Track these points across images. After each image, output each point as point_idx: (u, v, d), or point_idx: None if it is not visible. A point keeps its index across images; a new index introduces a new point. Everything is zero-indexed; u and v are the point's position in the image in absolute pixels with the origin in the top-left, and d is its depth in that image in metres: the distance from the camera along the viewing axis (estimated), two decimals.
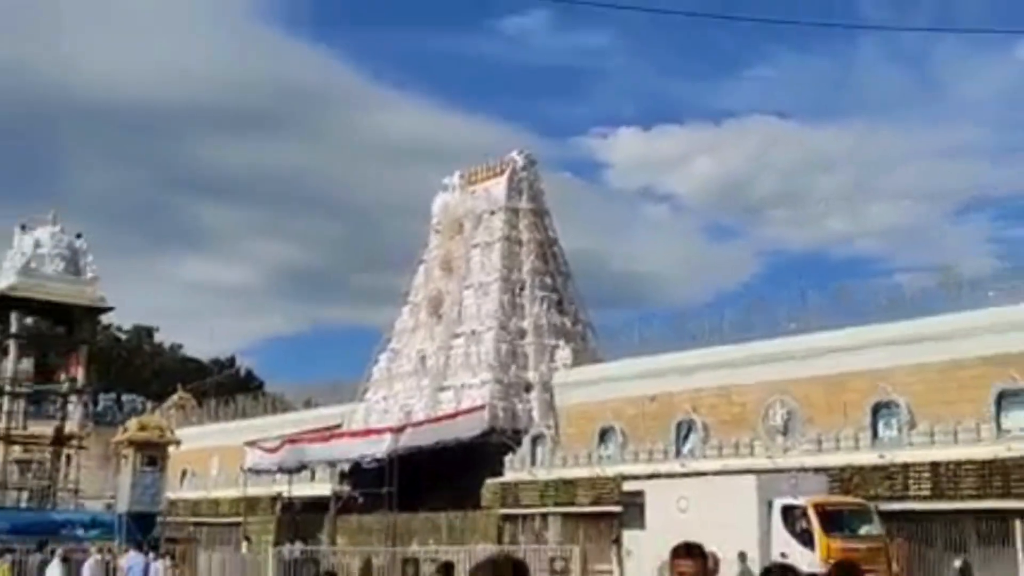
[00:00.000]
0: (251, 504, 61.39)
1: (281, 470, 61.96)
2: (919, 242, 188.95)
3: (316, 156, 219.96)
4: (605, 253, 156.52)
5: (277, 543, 48.50)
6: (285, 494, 61.12)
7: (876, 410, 39.13)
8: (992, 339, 37.82)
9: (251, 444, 65.47)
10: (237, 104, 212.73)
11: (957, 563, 7.85)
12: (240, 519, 59.27)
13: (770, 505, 27.89)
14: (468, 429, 55.08)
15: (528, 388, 57.69)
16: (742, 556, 8.39)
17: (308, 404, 74.35)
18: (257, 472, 63.28)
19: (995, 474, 31.58)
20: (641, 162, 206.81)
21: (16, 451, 51.57)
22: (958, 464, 32.63)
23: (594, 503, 41.46)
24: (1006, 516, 30.90)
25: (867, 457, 35.03)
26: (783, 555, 26.78)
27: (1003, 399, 36.23)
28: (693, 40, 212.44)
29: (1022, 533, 30.31)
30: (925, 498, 32.51)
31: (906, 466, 33.64)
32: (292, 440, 63.45)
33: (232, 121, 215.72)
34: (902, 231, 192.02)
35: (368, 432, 59.05)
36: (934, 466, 33.03)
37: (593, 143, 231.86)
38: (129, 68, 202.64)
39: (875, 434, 37.63)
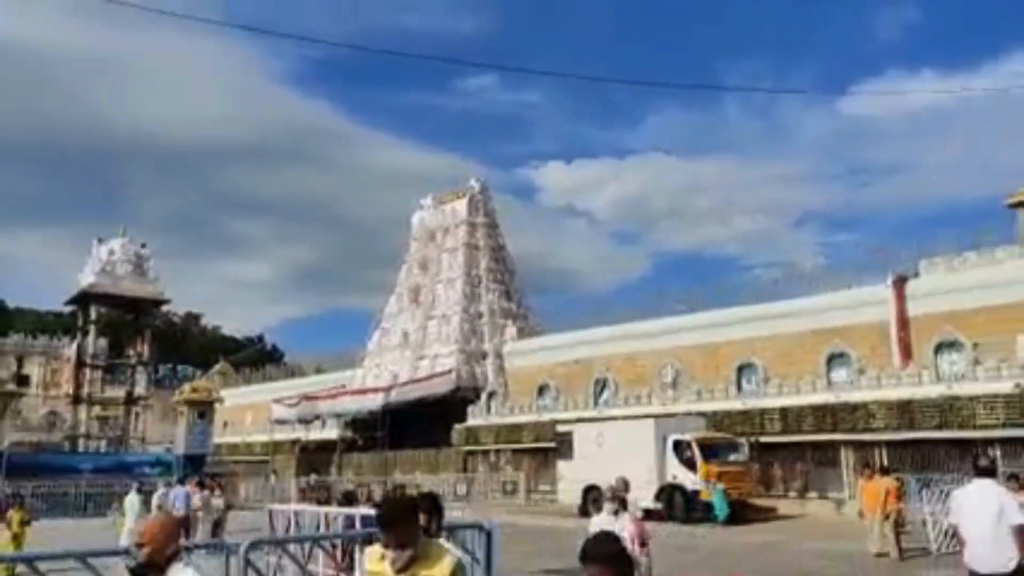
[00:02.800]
0: (276, 446, 61.29)
1: (299, 421, 61.93)
2: (770, 245, 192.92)
3: (325, 182, 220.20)
4: (540, 255, 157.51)
5: (297, 475, 48.44)
6: (302, 439, 61.20)
7: (740, 370, 39.82)
8: (822, 316, 38.67)
9: (276, 401, 65.25)
10: (265, 143, 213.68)
11: (983, 462, 7.64)
12: (268, 458, 59.14)
13: (664, 440, 27.94)
14: (440, 387, 55.50)
15: (484, 356, 57.98)
16: (623, 483, 8.55)
17: (319, 370, 73.99)
18: (280, 422, 63.11)
19: (826, 415, 32.22)
20: (565, 187, 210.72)
21: (96, 410, 50.89)
22: (800, 408, 33.23)
23: (535, 441, 41.74)
24: (834, 444, 31.51)
25: (734, 404, 35.55)
26: (674, 476, 27.31)
27: (831, 360, 37.07)
28: (602, 97, 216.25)
29: (844, 456, 30.94)
30: (776, 433, 33.03)
31: (762, 411, 34.20)
32: (307, 398, 63.39)
33: (261, 156, 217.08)
34: (757, 237, 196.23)
35: (365, 391, 59.07)
36: (783, 410, 33.61)
37: (530, 172, 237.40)
38: (183, 116, 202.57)
39: (739, 388, 38.31)
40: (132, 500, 20.36)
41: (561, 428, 34.03)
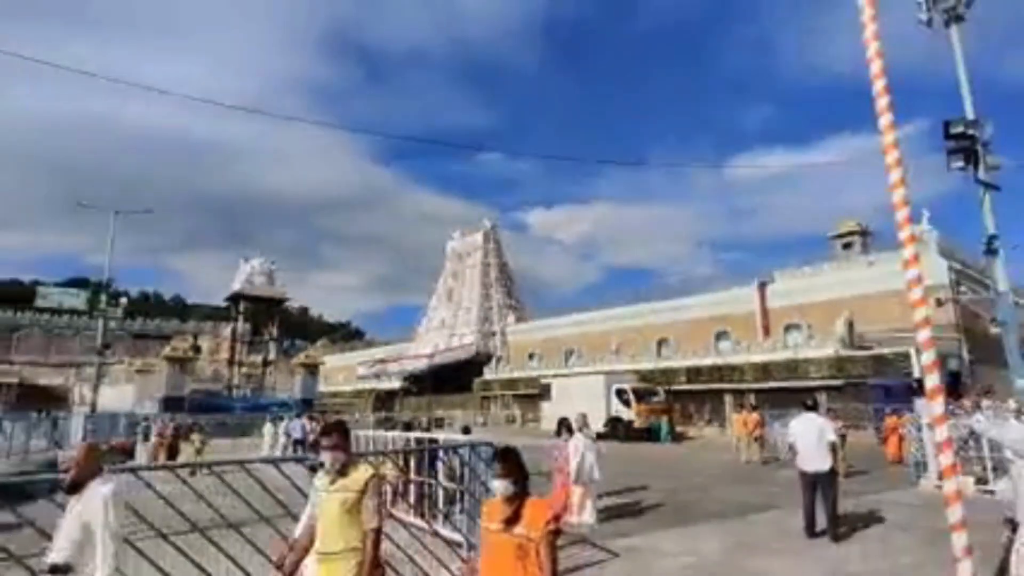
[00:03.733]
0: (359, 393, 61.21)
1: (374, 376, 61.92)
2: (679, 261, 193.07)
3: (388, 221, 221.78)
4: (530, 269, 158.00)
5: (373, 411, 48.50)
6: (375, 388, 61.15)
7: (660, 343, 40.01)
8: (712, 308, 38.84)
9: (360, 364, 65.35)
10: (350, 196, 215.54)
11: (809, 402, 7.40)
12: (355, 401, 59.10)
13: (610, 388, 27.74)
14: (464, 354, 55.55)
15: (494, 334, 58.06)
16: (583, 416, 8.68)
17: (387, 344, 74.06)
18: (362, 378, 63.15)
19: (715, 372, 32.39)
20: (546, 224, 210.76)
21: (244, 370, 50.90)
22: (698, 368, 33.36)
23: (527, 389, 41.90)
24: (721, 392, 31.56)
25: (656, 365, 35.70)
26: (616, 412, 27.21)
27: (718, 337, 37.22)
28: (571, 165, 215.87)
29: (728, 401, 30.93)
30: (683, 384, 33.13)
31: (674, 369, 34.37)
32: (380, 361, 63.41)
33: (348, 204, 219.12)
34: (670, 256, 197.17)
35: (417, 356, 59.14)
36: (687, 369, 33.72)
37: (523, 215, 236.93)
38: (295, 179, 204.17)
39: (659, 354, 38.47)
40: (268, 428, 20.41)
41: (544, 381, 34.17)
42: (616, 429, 26.27)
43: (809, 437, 7.60)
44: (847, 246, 38.36)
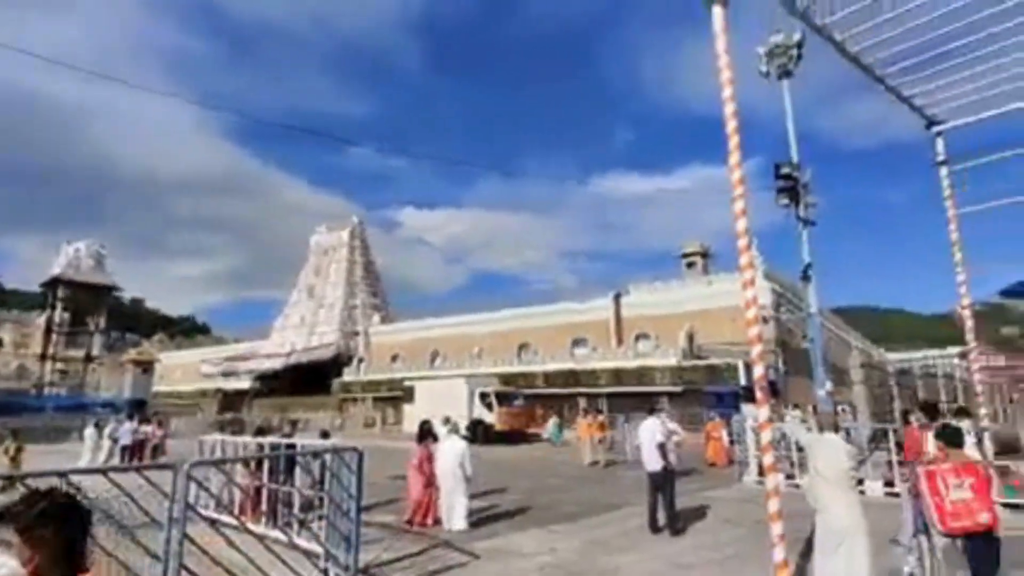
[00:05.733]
0: (203, 393, 56.12)
1: (222, 375, 57.20)
2: (544, 270, 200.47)
3: (247, 209, 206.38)
4: (397, 268, 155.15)
5: (218, 413, 44.67)
6: (223, 388, 56.37)
7: (521, 348, 41.17)
8: (571, 315, 40.76)
9: (204, 361, 60.11)
10: (204, 179, 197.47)
11: (650, 407, 7.63)
12: (195, 402, 54.02)
13: (473, 392, 27.90)
14: (325, 354, 53.29)
15: (357, 334, 56.27)
16: (447, 419, 8.72)
17: (237, 341, 68.69)
18: (208, 376, 58.00)
19: (571, 376, 34.00)
20: (417, 225, 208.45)
21: (59, 365, 44.55)
22: (556, 372, 34.84)
23: (389, 391, 41.05)
24: (575, 395, 33.14)
25: (516, 369, 36.68)
26: (479, 415, 27.42)
27: (575, 343, 39.10)
28: (447, 167, 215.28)
29: (582, 403, 32.35)
30: (542, 387, 34.36)
31: (534, 374, 35.52)
32: (229, 359, 58.77)
33: (200, 188, 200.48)
34: (536, 264, 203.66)
35: (271, 356, 55.64)
36: (545, 373, 35.10)
37: (393, 213, 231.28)
38: (149, 158, 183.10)
39: (520, 358, 39.56)
40: (90, 432, 18.06)
41: (407, 383, 33.65)
42: (477, 432, 26.50)
43: (647, 439, 8.29)
44: (691, 265, 42.32)
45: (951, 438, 4.62)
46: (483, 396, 27.64)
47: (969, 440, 7.78)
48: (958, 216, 9.69)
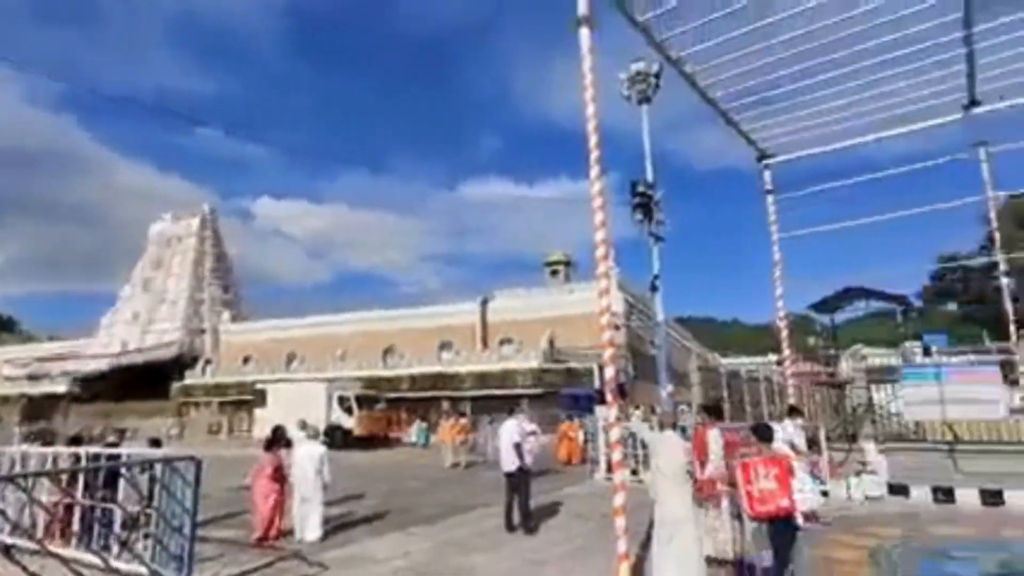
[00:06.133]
0: (4, 400, 48.05)
1: (29, 378, 49.40)
2: (411, 272, 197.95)
3: (73, 190, 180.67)
4: (251, 260, 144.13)
5: (20, 423, 38.41)
6: (28, 392, 48.63)
7: (387, 351, 40.30)
8: (438, 319, 40.72)
9: (7, 362, 51.50)
10: (25, 156, 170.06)
11: (511, 409, 7.61)
12: None
13: (332, 396, 26.93)
14: (165, 354, 48.28)
15: (203, 332, 51.59)
16: (303, 423, 8.30)
17: (52, 338, 59.93)
18: (11, 379, 49.82)
19: (437, 380, 33.90)
20: (275, 216, 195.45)
21: None
22: (422, 375, 34.55)
23: (238, 395, 38.06)
24: (440, 398, 32.95)
25: (382, 372, 35.85)
26: (337, 420, 26.41)
27: (442, 346, 39.08)
28: (307, 160, 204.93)
29: (445, 406, 32.37)
30: (407, 391, 33.89)
31: (399, 377, 34.94)
32: (40, 359, 51.01)
33: (18, 164, 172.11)
34: (403, 266, 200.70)
35: (98, 355, 49.24)
36: (411, 376, 34.66)
37: (248, 203, 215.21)
38: None
39: (385, 361, 38.70)
40: None
41: (259, 386, 31.50)
42: (335, 438, 25.52)
43: (506, 440, 8.50)
44: (555, 273, 44.15)
45: (763, 434, 5.24)
46: (342, 400, 26.74)
47: (799, 434, 8.88)
48: (779, 239, 11.07)
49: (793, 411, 9.96)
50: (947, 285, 41.03)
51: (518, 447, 8.34)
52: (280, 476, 8.17)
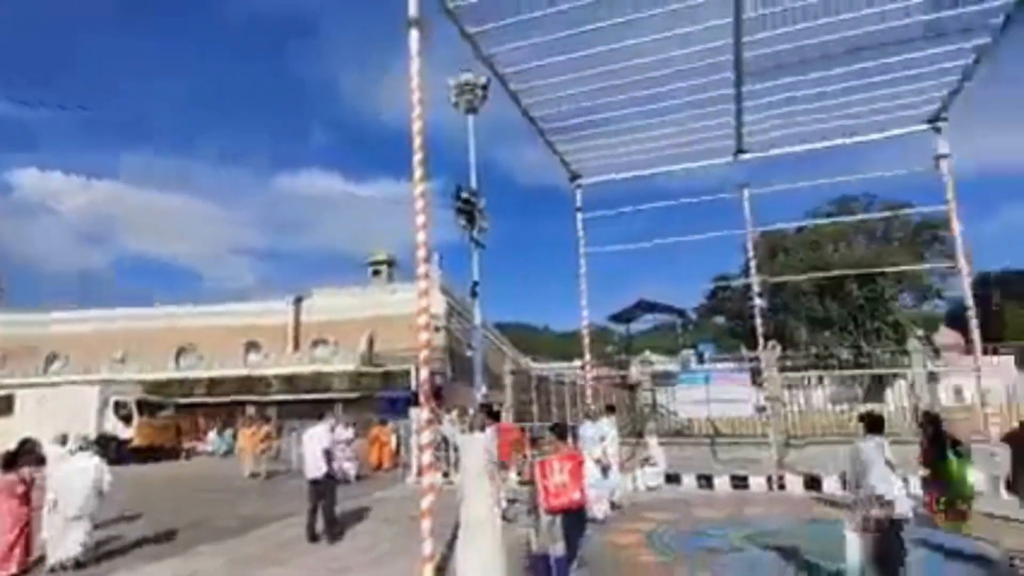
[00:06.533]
0: None
1: None
2: (216, 265, 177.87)
3: None
4: (16, 239, 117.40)
5: None
6: None
7: (181, 351, 36.11)
8: (245, 317, 37.63)
9: None
10: None
11: (319, 416, 7.02)
12: None
13: (106, 401, 23.29)
14: None
15: None
16: (63, 437, 7.08)
17: None
18: None
19: (242, 383, 31.30)
20: (40, 190, 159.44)
21: None
22: (224, 378, 31.66)
23: None
24: (243, 403, 30.22)
25: (173, 375, 32.14)
26: (112, 429, 22.96)
27: (248, 347, 36.13)
28: (88, 128, 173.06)
29: (250, 411, 29.90)
30: (202, 395, 30.82)
31: (194, 380, 31.59)
32: None
33: None
34: (205, 257, 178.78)
35: None
36: (210, 379, 31.56)
37: (11, 175, 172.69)
38: None
39: (179, 363, 34.63)
40: None
41: (4, 392, 26.13)
42: (108, 450, 22.16)
43: (311, 447, 8.10)
44: (377, 272, 43.12)
45: (560, 433, 5.70)
46: (119, 406, 23.47)
47: (613, 431, 9.70)
48: (587, 254, 12.09)
49: (610, 409, 11.10)
50: (718, 302, 48.14)
51: (328, 453, 8.00)
52: (27, 499, 6.86)
